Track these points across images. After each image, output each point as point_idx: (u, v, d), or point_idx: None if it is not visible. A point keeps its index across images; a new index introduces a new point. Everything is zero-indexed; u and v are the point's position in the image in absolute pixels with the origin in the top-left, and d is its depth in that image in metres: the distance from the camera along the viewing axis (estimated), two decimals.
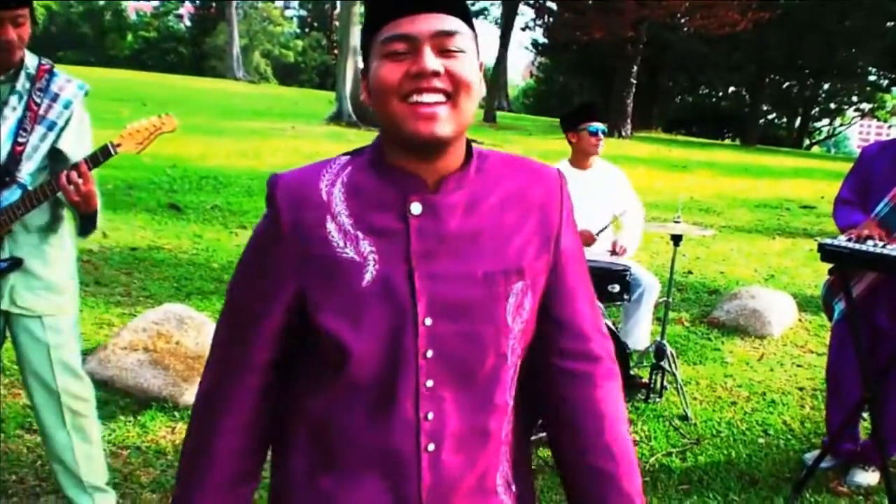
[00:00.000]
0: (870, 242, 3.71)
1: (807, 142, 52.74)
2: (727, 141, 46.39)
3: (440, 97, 1.32)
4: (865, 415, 4.54)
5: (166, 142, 3.93)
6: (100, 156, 2.81)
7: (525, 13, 36.19)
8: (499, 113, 35.11)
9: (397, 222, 1.37)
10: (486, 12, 46.84)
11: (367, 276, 1.35)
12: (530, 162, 1.53)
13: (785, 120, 54.01)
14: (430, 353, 1.36)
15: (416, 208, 1.37)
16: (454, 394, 1.39)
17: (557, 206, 1.49)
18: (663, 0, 27.90)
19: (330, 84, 65.94)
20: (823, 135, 60.40)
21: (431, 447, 1.39)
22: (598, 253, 4.95)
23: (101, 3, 69.65)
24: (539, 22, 38.29)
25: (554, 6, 33.81)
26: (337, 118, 23.20)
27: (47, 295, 3.02)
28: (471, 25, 1.40)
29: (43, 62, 2.96)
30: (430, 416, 1.38)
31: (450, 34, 1.33)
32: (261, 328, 1.42)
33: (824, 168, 23.58)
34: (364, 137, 19.72)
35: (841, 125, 62.25)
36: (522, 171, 1.49)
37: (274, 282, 1.40)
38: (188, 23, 75.32)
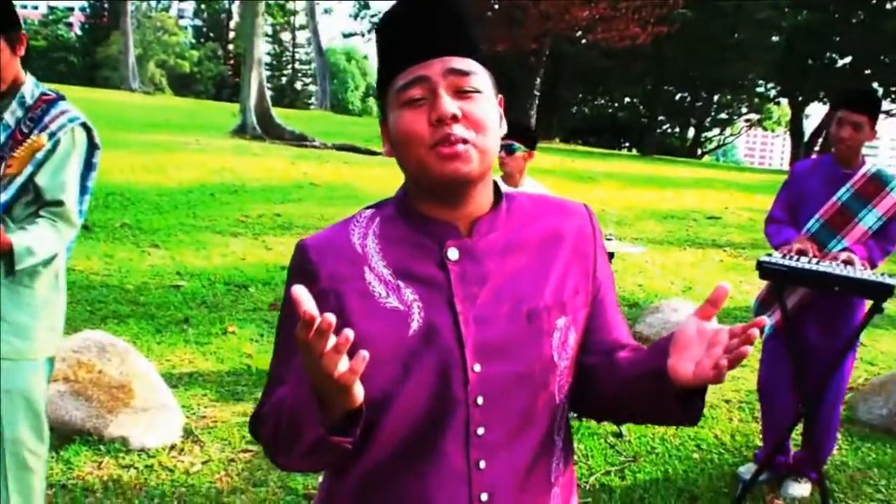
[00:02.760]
0: (804, 259, 3.81)
1: (699, 151, 54.24)
2: (624, 151, 47.36)
3: (463, 146, 1.32)
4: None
5: None
6: None
7: None
8: None
9: (437, 269, 1.37)
10: None
11: (414, 325, 1.34)
12: (556, 199, 1.55)
13: (678, 130, 55.45)
14: (480, 400, 1.35)
15: (453, 254, 1.37)
16: (505, 438, 1.37)
17: (590, 239, 1.50)
18: (566, 14, 28.38)
19: (227, 95, 65.14)
20: (714, 144, 62.20)
21: (485, 497, 1.36)
22: None
23: None
24: None
25: None
26: (241, 131, 22.84)
27: (7, 337, 2.80)
28: (484, 65, 1.40)
29: (47, 93, 2.83)
30: (482, 464, 1.36)
31: (464, 74, 1.34)
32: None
33: (725, 179, 24.23)
34: (269, 150, 19.50)
35: (731, 135, 64.30)
36: (551, 209, 1.50)
37: None
38: (79, 31, 73.32)
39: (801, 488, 4.29)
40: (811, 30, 40.73)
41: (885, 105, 44.61)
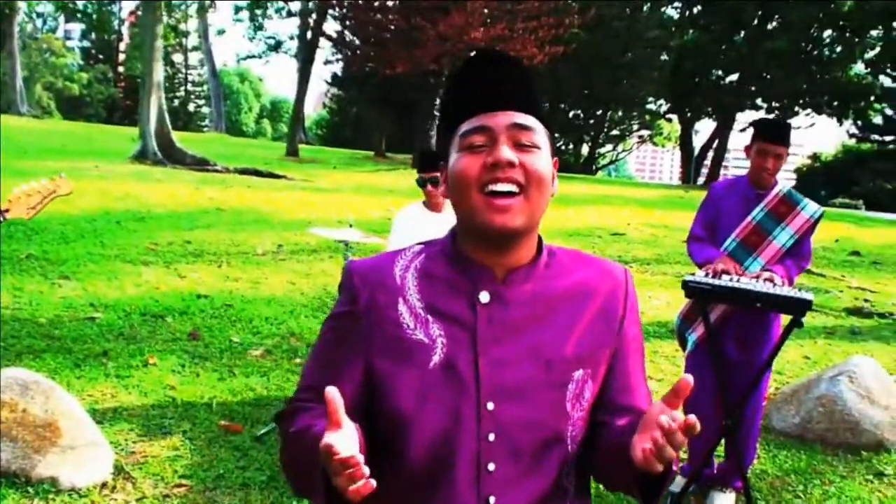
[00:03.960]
0: (725, 277, 3.97)
1: (593, 167, 55.35)
2: None
3: (513, 188, 1.39)
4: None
5: None
6: None
7: (325, 45, 36.06)
8: (300, 146, 35.01)
9: (467, 310, 1.45)
10: (282, 45, 46.47)
11: (435, 358, 1.42)
12: (598, 259, 1.61)
13: (572, 147, 56.47)
14: (491, 437, 1.41)
15: (484, 297, 1.45)
16: (515, 477, 1.42)
17: (622, 298, 1.56)
18: (464, 35, 28.64)
19: (119, 118, 63.61)
20: (606, 160, 63.52)
21: None
22: None
23: None
24: (339, 56, 38.43)
25: (356, 40, 34.00)
26: (141, 156, 22.33)
27: None
28: (546, 125, 1.49)
29: None
30: (492, 499, 1.42)
31: (525, 128, 1.42)
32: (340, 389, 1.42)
33: (623, 195, 24.76)
34: (172, 176, 19.17)
35: (623, 151, 65.78)
36: (590, 266, 1.57)
37: (349, 358, 1.47)
38: None
39: (727, 498, 4.46)
40: (698, 49, 42.23)
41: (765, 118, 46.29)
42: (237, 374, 5.94)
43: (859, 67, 43.88)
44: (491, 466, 1.41)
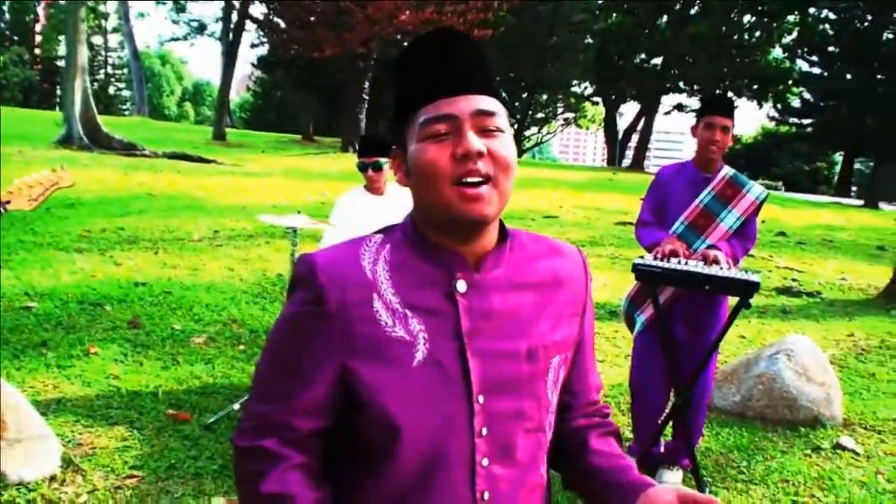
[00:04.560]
0: (675, 260, 4.05)
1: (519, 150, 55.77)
2: None
3: (482, 179, 1.34)
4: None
5: None
6: None
7: (251, 28, 35.61)
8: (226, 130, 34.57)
9: (444, 300, 1.38)
10: (207, 28, 45.69)
11: (419, 356, 1.35)
12: (553, 242, 1.58)
13: None
14: (485, 431, 1.37)
15: (462, 286, 1.39)
16: (506, 471, 1.40)
17: (583, 283, 1.56)
18: (393, 18, 28.51)
19: (36, 102, 61.91)
20: (532, 143, 63.94)
21: None
22: None
23: None
24: (265, 39, 37.95)
25: (282, 23, 33.58)
26: (67, 141, 21.78)
27: None
28: (504, 105, 1.43)
29: None
30: (487, 495, 1.39)
31: (490, 114, 1.36)
32: (298, 403, 1.38)
33: (552, 177, 25.02)
34: (99, 161, 18.77)
35: (548, 133, 66.27)
36: (550, 250, 1.54)
37: (316, 361, 1.36)
38: None
39: (675, 475, 4.56)
40: (622, 33, 42.73)
41: (689, 101, 47.24)
42: (181, 362, 5.86)
43: (777, 52, 44.91)
44: (485, 462, 1.38)
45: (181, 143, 26.25)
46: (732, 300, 4.15)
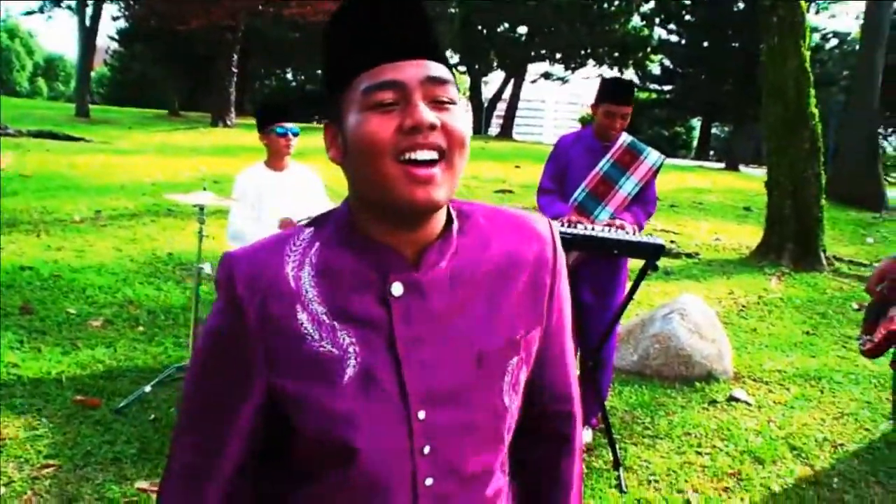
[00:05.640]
0: (580, 226, 4.21)
1: None
2: (315, 123, 47.70)
3: (434, 154, 1.16)
4: None
5: None
6: None
7: None
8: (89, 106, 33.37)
9: (377, 306, 1.22)
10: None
11: (349, 371, 1.20)
12: (519, 217, 1.38)
13: None
14: (426, 450, 1.23)
15: (397, 289, 1.22)
16: (455, 488, 1.27)
17: (550, 263, 1.36)
18: None
19: None
20: None
21: None
22: None
23: None
24: (126, 11, 36.65)
25: None
26: None
27: None
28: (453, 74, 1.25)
29: None
30: None
31: (442, 82, 1.18)
32: (229, 432, 1.26)
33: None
34: None
35: None
36: (510, 228, 1.35)
37: (241, 381, 1.23)
38: None
39: (586, 435, 4.74)
40: (486, 2, 42.92)
41: (553, 69, 48.10)
42: (81, 346, 5.73)
43: (636, 20, 46.04)
44: (429, 482, 1.24)
45: (44, 121, 25.22)
46: (632, 265, 4.34)
